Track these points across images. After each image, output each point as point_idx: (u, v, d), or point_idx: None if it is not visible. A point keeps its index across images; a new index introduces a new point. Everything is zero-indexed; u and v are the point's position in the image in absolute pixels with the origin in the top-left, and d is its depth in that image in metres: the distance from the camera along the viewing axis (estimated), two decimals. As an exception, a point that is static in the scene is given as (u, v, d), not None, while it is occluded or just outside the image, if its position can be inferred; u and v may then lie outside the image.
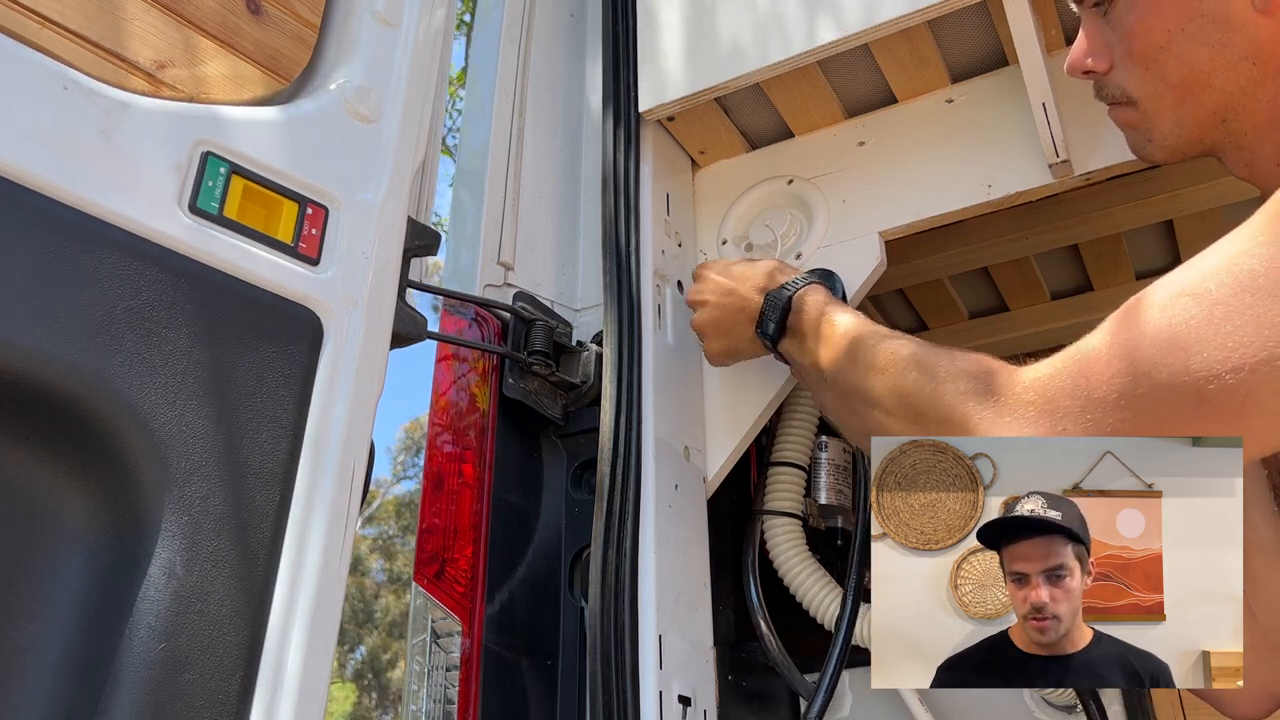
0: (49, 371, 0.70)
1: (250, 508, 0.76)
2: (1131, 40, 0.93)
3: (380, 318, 0.92)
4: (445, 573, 1.22)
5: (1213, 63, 0.89)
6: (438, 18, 1.08)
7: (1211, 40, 0.89)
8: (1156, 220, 1.82)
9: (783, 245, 1.44)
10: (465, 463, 1.27)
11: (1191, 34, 0.89)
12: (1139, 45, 0.93)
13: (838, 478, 1.59)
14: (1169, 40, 0.91)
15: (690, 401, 1.38)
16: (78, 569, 0.70)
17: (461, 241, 1.42)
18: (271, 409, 0.80)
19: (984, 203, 1.34)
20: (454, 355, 1.35)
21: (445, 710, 1.19)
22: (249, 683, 0.72)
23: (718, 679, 1.29)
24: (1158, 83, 0.93)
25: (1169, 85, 0.92)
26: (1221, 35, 0.88)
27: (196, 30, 0.88)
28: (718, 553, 1.37)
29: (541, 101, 1.56)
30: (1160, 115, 0.95)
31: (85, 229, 0.74)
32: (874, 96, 1.47)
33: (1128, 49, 0.94)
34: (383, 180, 0.95)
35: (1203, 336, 0.69)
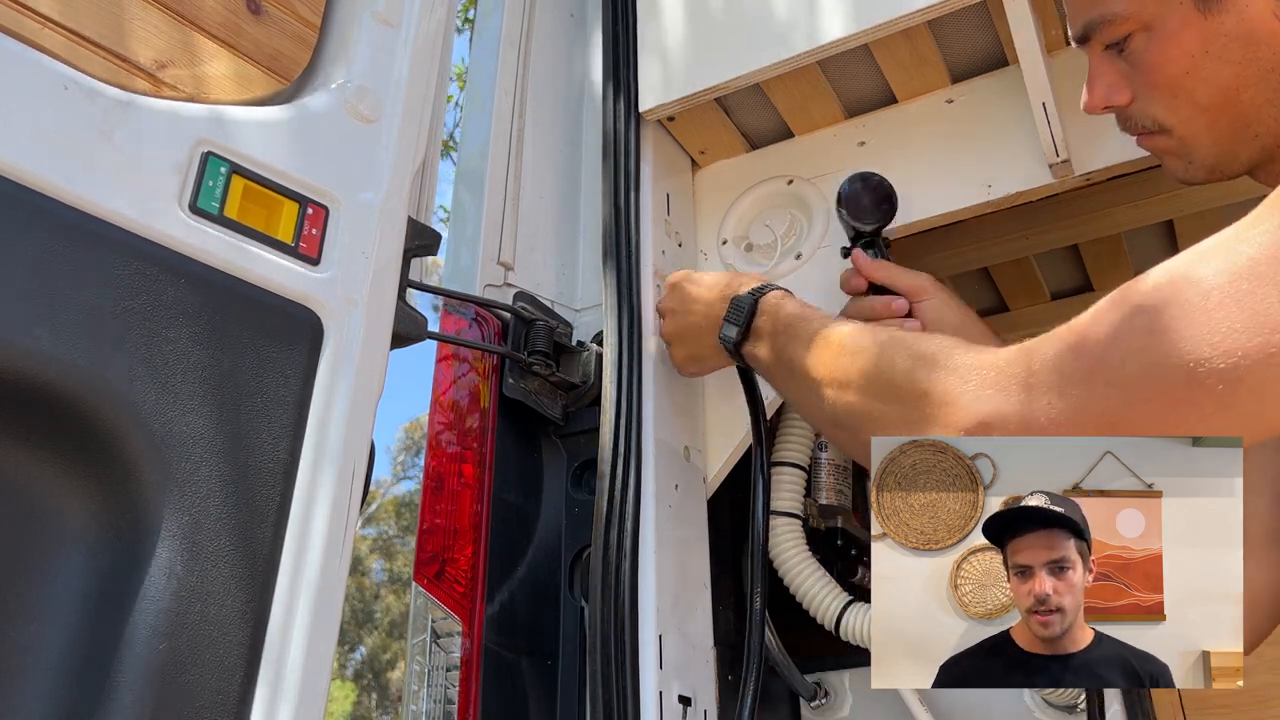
0: (49, 372, 0.70)
1: (250, 507, 0.76)
2: (1155, 71, 0.92)
3: (380, 318, 0.92)
4: (445, 573, 1.22)
5: (1240, 78, 0.89)
6: (438, 18, 1.08)
7: (1236, 57, 0.88)
8: (1156, 220, 1.82)
9: (783, 245, 1.44)
10: (465, 463, 1.27)
11: (1216, 54, 0.89)
12: (1163, 75, 0.92)
13: (838, 478, 1.59)
14: (1194, 65, 0.90)
15: (690, 401, 1.38)
16: (78, 569, 0.70)
17: (461, 241, 1.42)
18: (272, 409, 0.80)
19: (984, 203, 1.34)
20: (454, 355, 1.35)
21: (445, 710, 1.19)
22: (249, 682, 0.73)
23: (718, 679, 1.29)
24: (1189, 108, 0.92)
25: (1200, 108, 0.91)
26: (1245, 50, 0.88)
27: (197, 30, 0.88)
28: (718, 553, 1.37)
29: (541, 101, 1.56)
30: (1197, 137, 0.94)
31: (85, 229, 0.74)
32: (874, 96, 1.47)
33: (1151, 79, 0.93)
34: (383, 180, 0.96)
35: (1197, 320, 0.69)
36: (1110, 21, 0.93)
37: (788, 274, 1.41)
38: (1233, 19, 0.88)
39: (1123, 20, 0.93)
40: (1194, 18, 0.89)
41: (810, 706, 1.54)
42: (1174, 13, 0.90)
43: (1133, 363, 0.72)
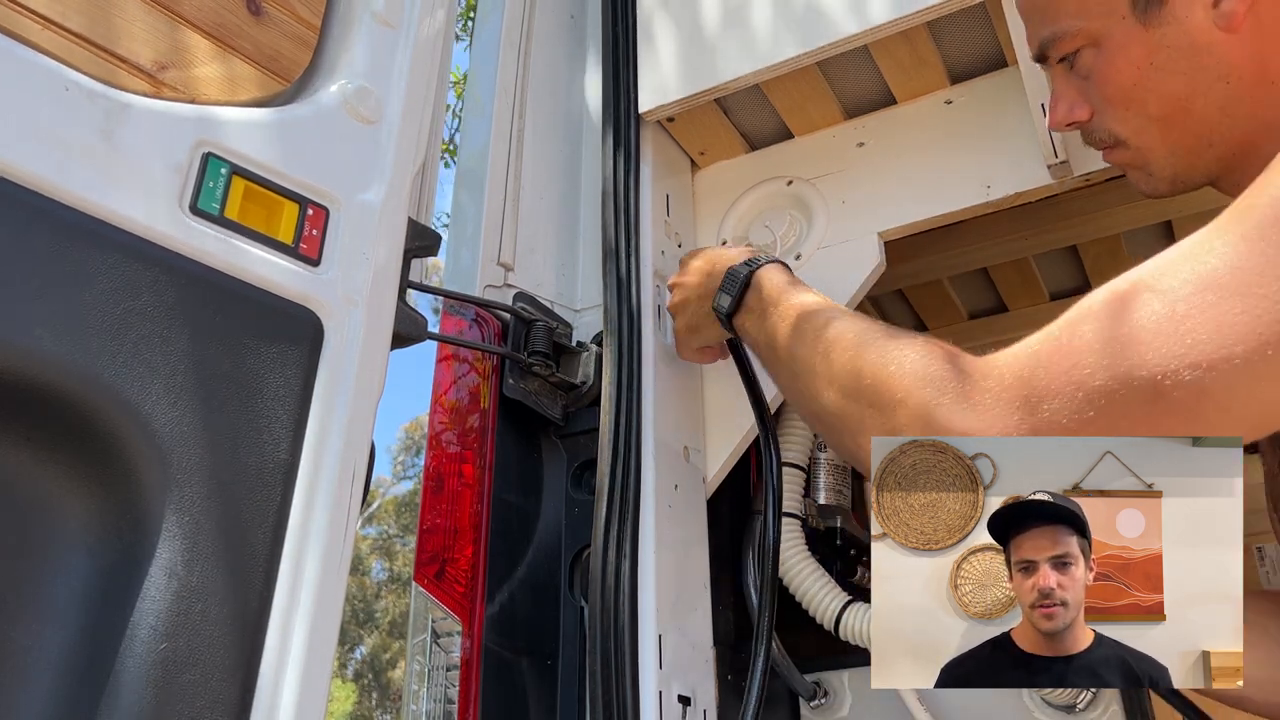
0: (49, 372, 0.70)
1: (251, 508, 0.76)
2: (1105, 85, 0.94)
3: (380, 318, 0.92)
4: (445, 573, 1.22)
5: (1190, 88, 0.90)
6: (438, 18, 1.08)
7: (1181, 68, 0.90)
8: (1156, 221, 1.82)
9: (782, 246, 1.44)
10: (465, 463, 1.27)
11: (1161, 65, 0.90)
12: (1114, 88, 0.94)
13: (837, 478, 1.59)
14: (1141, 77, 0.92)
15: (690, 401, 1.38)
16: (78, 569, 0.70)
17: (461, 242, 1.43)
18: (272, 409, 0.80)
19: (983, 203, 1.34)
20: (454, 355, 1.35)
21: (445, 710, 1.19)
22: (249, 682, 0.73)
23: (718, 679, 1.29)
24: (1140, 119, 0.94)
25: (1151, 119, 0.93)
26: (1190, 60, 0.89)
27: (197, 31, 0.88)
28: (718, 553, 1.37)
29: (541, 102, 1.56)
30: (1152, 149, 0.95)
31: (85, 229, 0.75)
32: (873, 97, 1.47)
33: (1104, 93, 0.95)
34: (383, 181, 0.96)
35: (1162, 331, 0.69)
36: (1060, 38, 0.96)
37: (787, 274, 1.40)
38: (1174, 30, 0.89)
39: (1071, 36, 0.95)
40: (1137, 31, 0.91)
41: (810, 706, 1.54)
42: (1118, 27, 0.92)
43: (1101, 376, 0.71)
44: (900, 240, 1.41)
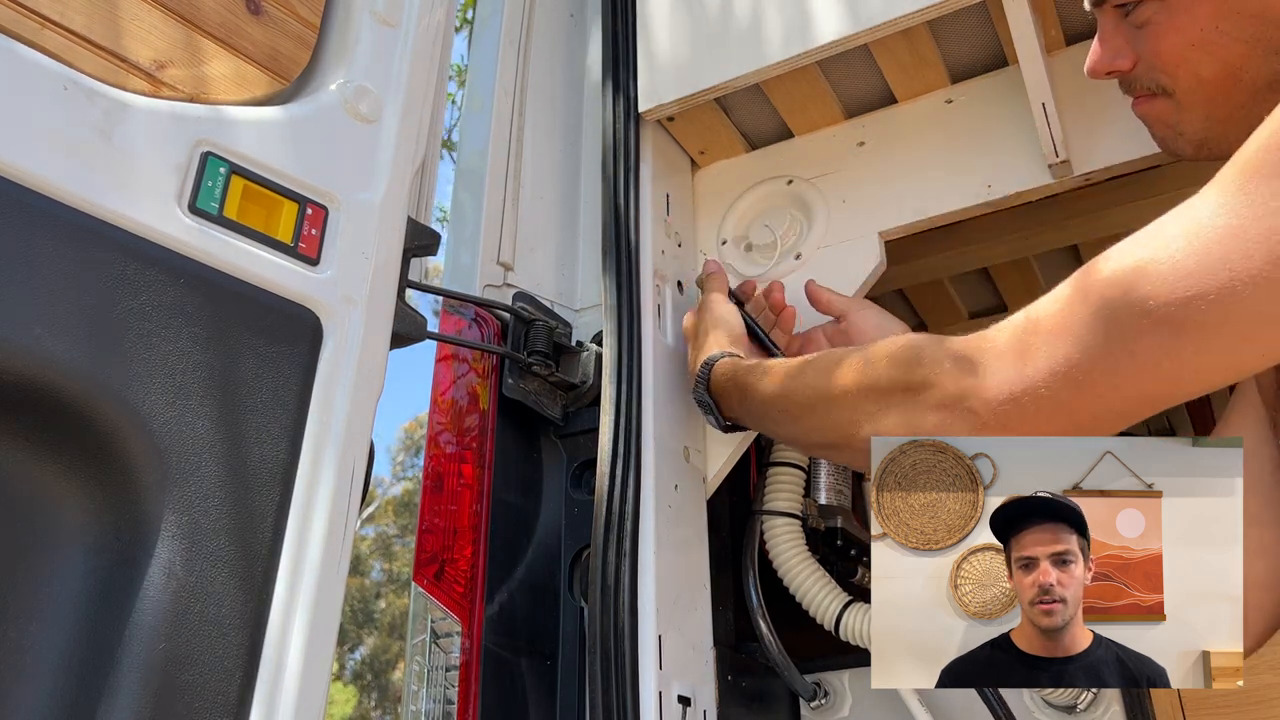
0: (49, 372, 0.70)
1: (250, 507, 0.76)
2: (1162, 38, 0.92)
3: (380, 318, 0.92)
4: (445, 573, 1.22)
5: (1246, 58, 0.89)
6: (438, 18, 1.08)
7: (1246, 35, 0.88)
8: (1156, 220, 1.82)
9: (782, 245, 1.44)
10: (465, 463, 1.27)
11: (1226, 30, 0.88)
12: (1170, 43, 0.92)
13: (837, 478, 1.59)
14: (1203, 37, 0.90)
15: (690, 402, 1.38)
16: (78, 569, 0.70)
17: (461, 241, 1.42)
18: (271, 409, 0.80)
19: (984, 203, 1.34)
20: (454, 355, 1.35)
21: (445, 710, 1.19)
22: (249, 682, 0.72)
23: (718, 679, 1.29)
24: (1191, 79, 0.92)
25: (1202, 81, 0.92)
26: (1255, 29, 0.88)
27: (196, 30, 0.88)
28: (717, 553, 1.37)
29: (541, 101, 1.56)
30: (1193, 109, 0.94)
31: (85, 229, 0.74)
32: (873, 97, 1.47)
33: (1157, 46, 0.93)
34: (382, 180, 0.95)
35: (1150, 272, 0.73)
36: None
37: (788, 274, 1.41)
38: None
39: None
40: None
41: (810, 706, 1.54)
42: None
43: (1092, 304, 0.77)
44: (901, 239, 1.40)
